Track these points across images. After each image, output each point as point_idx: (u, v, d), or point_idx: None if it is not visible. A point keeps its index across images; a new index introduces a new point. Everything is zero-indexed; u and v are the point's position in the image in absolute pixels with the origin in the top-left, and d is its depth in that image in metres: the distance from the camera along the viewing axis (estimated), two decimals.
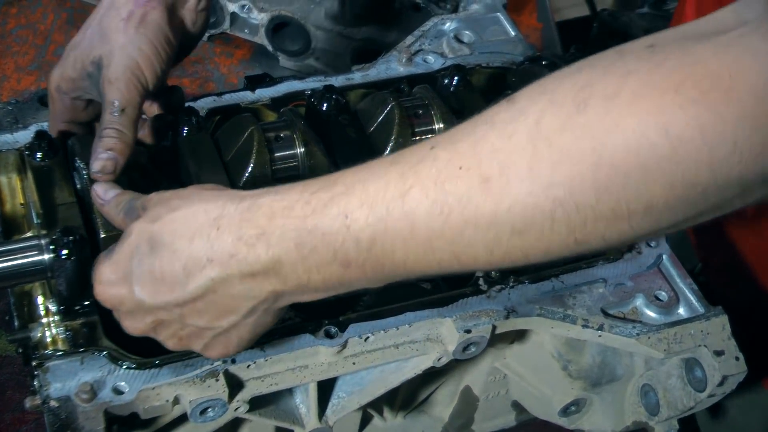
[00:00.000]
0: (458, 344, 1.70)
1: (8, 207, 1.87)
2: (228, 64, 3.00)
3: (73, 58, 1.68)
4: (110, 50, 1.64)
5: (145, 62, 1.65)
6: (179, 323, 1.42)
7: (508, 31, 2.23)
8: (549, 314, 1.75)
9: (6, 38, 2.93)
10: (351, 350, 1.68)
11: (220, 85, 2.93)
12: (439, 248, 1.22)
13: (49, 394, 1.53)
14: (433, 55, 2.13)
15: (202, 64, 2.97)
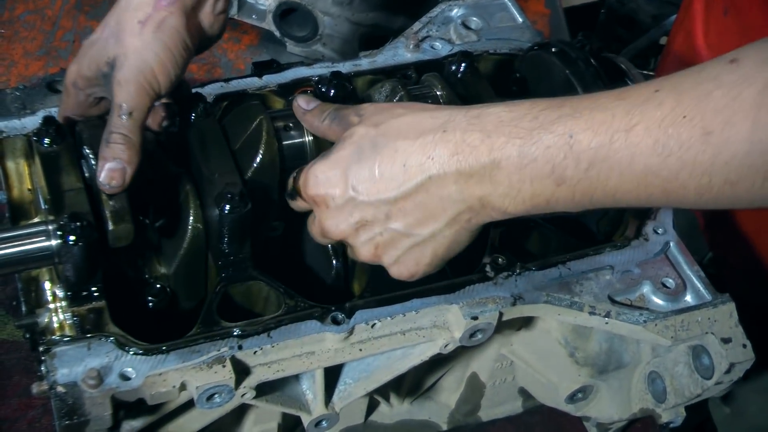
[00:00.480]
0: (465, 331, 1.70)
1: (16, 193, 1.87)
2: (235, 50, 2.99)
3: (89, 56, 1.68)
4: (124, 52, 1.62)
5: (159, 67, 1.64)
6: (382, 226, 1.52)
7: (516, 17, 2.22)
8: (556, 301, 1.75)
9: (14, 23, 2.93)
10: (358, 337, 1.68)
11: (227, 70, 2.91)
12: (652, 184, 1.32)
13: (56, 379, 1.54)
14: (441, 41, 2.12)
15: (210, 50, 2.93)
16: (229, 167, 1.71)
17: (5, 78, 2.76)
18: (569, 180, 1.37)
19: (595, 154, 1.34)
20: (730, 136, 1.24)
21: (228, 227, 1.66)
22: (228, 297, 1.70)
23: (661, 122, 1.29)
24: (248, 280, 1.71)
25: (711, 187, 1.28)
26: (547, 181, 1.38)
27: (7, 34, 2.88)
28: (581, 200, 1.39)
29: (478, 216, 1.48)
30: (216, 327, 1.63)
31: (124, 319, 1.64)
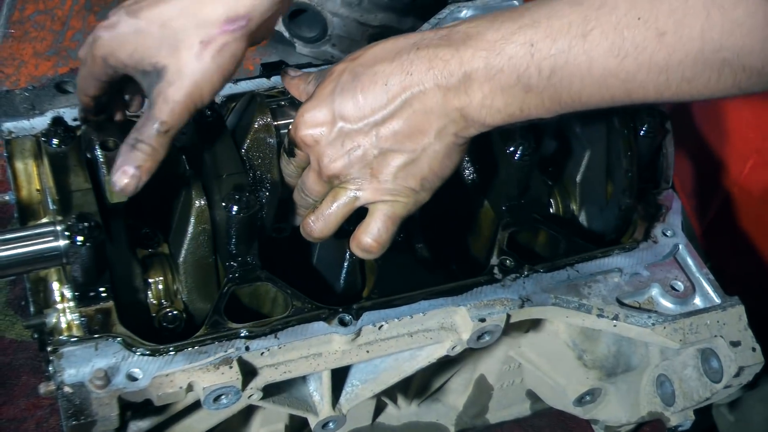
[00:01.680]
0: (472, 333, 1.69)
1: (24, 193, 1.87)
2: None
3: (134, 45, 1.58)
4: (178, 69, 1.55)
5: (209, 93, 1.59)
6: (374, 147, 1.54)
7: None
8: (564, 303, 1.74)
9: (24, 24, 2.93)
10: (365, 338, 1.67)
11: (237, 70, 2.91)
12: (613, 86, 1.38)
13: (63, 380, 1.54)
14: None
15: None
16: (237, 168, 1.71)
17: (15, 78, 2.77)
18: (535, 87, 1.42)
19: (556, 61, 1.39)
20: (683, 35, 1.31)
21: (235, 228, 1.66)
22: (235, 298, 1.70)
23: (616, 26, 1.35)
24: (255, 281, 1.70)
25: (669, 84, 1.35)
26: (516, 89, 1.44)
27: (17, 34, 2.89)
28: (551, 106, 1.45)
29: (461, 129, 1.52)
30: (223, 328, 1.63)
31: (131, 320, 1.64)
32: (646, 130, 1.86)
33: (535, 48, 1.41)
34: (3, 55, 2.82)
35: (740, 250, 2.24)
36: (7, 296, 2.33)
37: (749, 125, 2.21)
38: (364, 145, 1.54)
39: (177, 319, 1.72)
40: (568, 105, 1.44)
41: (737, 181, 2.25)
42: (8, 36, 2.87)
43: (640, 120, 1.86)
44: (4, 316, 2.28)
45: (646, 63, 1.34)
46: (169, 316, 1.72)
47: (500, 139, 1.82)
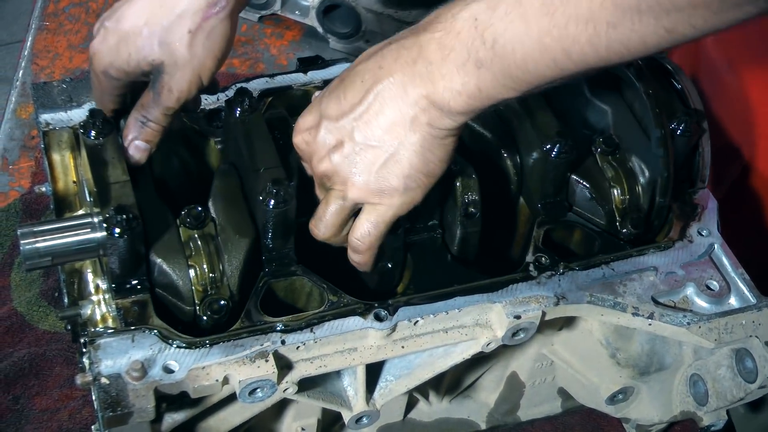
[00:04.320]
0: (507, 330, 1.69)
1: (61, 185, 1.88)
2: (278, 46, 2.99)
3: (128, 53, 1.68)
4: (174, 61, 1.67)
5: (206, 74, 1.70)
6: (353, 143, 1.55)
7: None
8: (599, 301, 1.74)
9: (59, 16, 2.95)
10: (400, 334, 1.68)
11: (269, 66, 2.92)
12: (551, 46, 1.37)
13: (100, 371, 1.54)
14: None
15: (252, 45, 2.97)
16: (274, 162, 1.71)
17: (49, 70, 2.79)
18: (485, 61, 1.43)
19: (496, 30, 1.40)
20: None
21: (272, 222, 1.66)
22: (271, 292, 1.70)
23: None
24: (291, 275, 1.71)
25: (598, 34, 1.33)
26: (468, 66, 1.44)
27: (51, 26, 2.91)
28: (505, 81, 1.44)
29: (434, 118, 1.51)
30: (259, 322, 1.63)
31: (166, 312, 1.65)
32: (682, 130, 1.85)
33: (478, 21, 1.42)
34: (38, 47, 2.84)
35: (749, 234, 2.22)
36: (40, 287, 2.34)
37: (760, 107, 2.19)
38: (346, 143, 1.56)
39: (222, 309, 1.66)
40: (520, 78, 1.43)
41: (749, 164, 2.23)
42: (43, 28, 2.89)
43: (677, 119, 1.85)
44: (38, 308, 2.29)
45: (573, 14, 1.33)
46: (215, 306, 1.66)
47: (537, 137, 1.81)
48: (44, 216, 2.43)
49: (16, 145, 2.58)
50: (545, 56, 1.39)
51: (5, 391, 2.16)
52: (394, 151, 1.54)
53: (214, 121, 1.93)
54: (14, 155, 2.57)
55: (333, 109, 1.57)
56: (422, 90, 1.49)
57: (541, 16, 1.35)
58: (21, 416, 2.14)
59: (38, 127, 1.87)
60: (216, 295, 1.67)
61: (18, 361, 2.19)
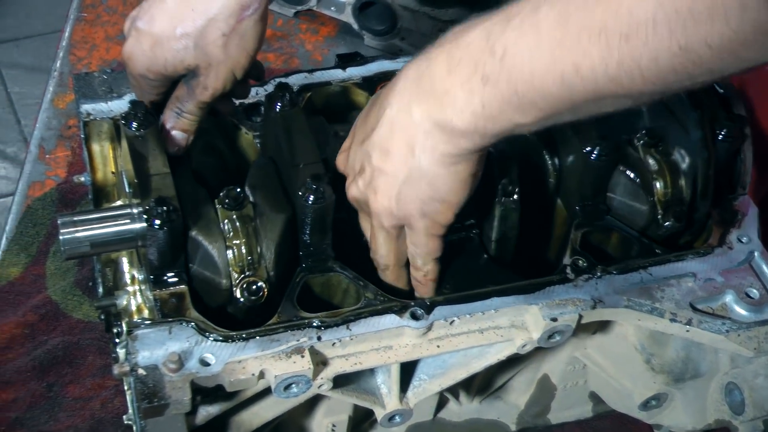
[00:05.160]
0: (543, 332, 1.68)
1: (99, 175, 1.89)
2: (313, 41, 2.99)
3: (165, 57, 1.68)
4: (209, 63, 1.68)
5: (239, 71, 1.71)
6: (372, 168, 1.54)
7: None
8: (636, 306, 1.73)
9: (96, 7, 2.96)
10: (436, 333, 1.67)
11: (304, 61, 2.92)
12: (560, 59, 1.30)
13: (138, 362, 1.55)
14: None
15: (287, 40, 2.98)
16: (313, 158, 1.71)
17: (87, 61, 2.80)
18: (491, 75, 1.36)
19: (507, 40, 1.34)
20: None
21: (311, 218, 1.66)
22: (307, 287, 1.70)
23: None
24: (329, 271, 1.71)
25: (610, 47, 1.25)
26: (474, 80, 1.38)
27: (89, 17, 2.92)
28: (511, 99, 1.37)
29: (440, 142, 1.46)
30: (296, 317, 1.63)
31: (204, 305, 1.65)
32: (724, 135, 1.84)
33: (490, 32, 1.36)
34: (75, 39, 2.85)
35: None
36: (74, 276, 2.35)
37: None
38: (366, 168, 1.56)
39: (260, 291, 1.66)
40: (526, 97, 1.36)
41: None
42: (81, 19, 2.90)
43: (718, 124, 1.84)
44: (72, 296, 2.30)
45: (586, 25, 1.26)
46: (252, 288, 1.66)
47: (577, 138, 1.80)
48: (80, 206, 2.44)
49: (53, 135, 2.59)
50: (553, 70, 1.31)
51: (39, 378, 2.18)
52: (405, 177, 1.51)
53: (252, 116, 1.93)
54: (51, 144, 2.58)
55: (360, 132, 1.58)
56: (425, 109, 1.45)
57: (555, 26, 1.29)
58: (55, 403, 2.15)
59: (79, 117, 1.88)
60: (253, 277, 1.66)
61: (52, 349, 2.21)
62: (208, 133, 1.90)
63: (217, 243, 1.65)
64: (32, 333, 2.24)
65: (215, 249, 1.65)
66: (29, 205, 2.46)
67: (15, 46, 4.39)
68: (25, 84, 4.20)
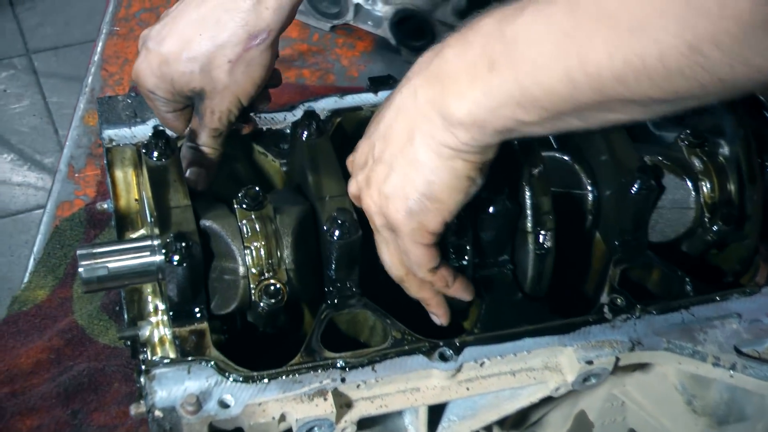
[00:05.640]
0: (578, 375, 1.61)
1: (123, 202, 1.85)
2: (349, 57, 2.93)
3: (170, 78, 1.69)
4: (214, 87, 1.68)
5: (245, 97, 1.71)
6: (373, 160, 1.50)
7: None
8: (677, 349, 1.65)
9: (129, 21, 2.92)
10: (465, 375, 1.61)
11: (340, 77, 2.86)
12: (566, 50, 1.24)
13: (155, 403, 1.50)
14: None
15: (323, 55, 2.92)
16: (340, 190, 1.65)
17: (119, 76, 2.76)
18: (498, 62, 1.30)
19: (518, 26, 1.29)
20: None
21: (336, 253, 1.60)
22: (332, 324, 1.65)
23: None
24: (354, 308, 1.65)
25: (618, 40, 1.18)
26: (480, 66, 1.32)
27: (122, 31, 2.88)
28: (513, 92, 1.31)
29: (436, 129, 1.40)
30: (319, 357, 1.57)
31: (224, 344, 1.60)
32: None
33: (504, 16, 1.31)
34: (108, 53, 2.81)
35: None
36: (101, 300, 2.31)
37: None
38: (368, 159, 1.52)
39: (279, 293, 1.60)
40: (530, 92, 1.29)
41: None
42: (113, 33, 2.86)
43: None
44: (99, 321, 2.26)
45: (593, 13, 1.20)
46: (271, 290, 1.60)
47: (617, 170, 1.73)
48: (107, 228, 2.40)
49: (83, 153, 2.56)
50: (559, 64, 1.25)
51: (64, 405, 2.14)
52: (398, 166, 1.46)
53: (280, 143, 1.87)
54: (80, 163, 2.54)
55: (370, 125, 1.54)
56: (430, 94, 1.40)
57: (565, 15, 1.23)
58: (79, 431, 2.11)
59: (102, 143, 1.83)
60: (272, 279, 1.60)
61: (77, 375, 2.17)
62: (233, 159, 1.85)
63: (233, 233, 1.61)
64: (58, 358, 2.20)
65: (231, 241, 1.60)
66: (57, 226, 2.42)
67: (54, 55, 4.39)
68: (63, 94, 4.20)
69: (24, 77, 4.42)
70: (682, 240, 1.82)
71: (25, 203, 3.98)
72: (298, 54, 2.89)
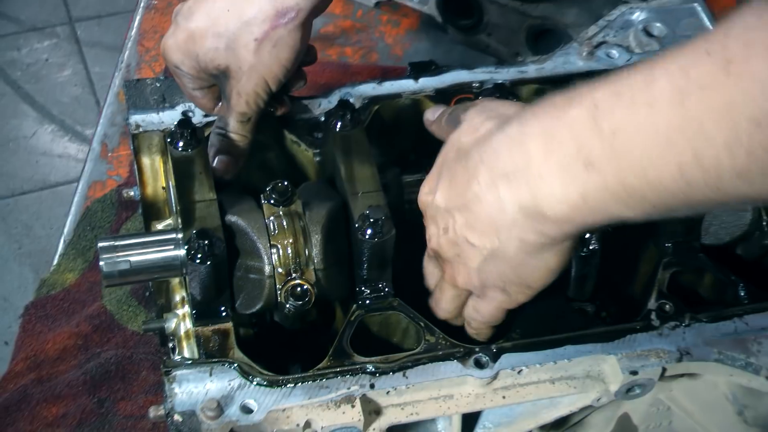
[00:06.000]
0: (622, 385, 1.53)
1: (150, 190, 1.78)
2: (394, 34, 2.83)
3: (195, 54, 1.65)
4: (239, 67, 1.62)
5: (273, 80, 1.64)
6: (456, 234, 1.41)
7: (705, 24, 1.99)
8: (728, 360, 1.55)
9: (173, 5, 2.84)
10: (501, 382, 1.52)
11: (383, 56, 2.76)
12: (678, 145, 1.12)
13: (174, 406, 1.44)
14: (618, 48, 1.92)
15: (366, 33, 2.82)
16: (373, 186, 1.57)
17: (155, 52, 2.68)
18: (597, 160, 1.19)
19: (617, 119, 1.18)
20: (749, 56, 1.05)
21: (368, 253, 1.52)
22: (364, 326, 1.57)
23: (683, 65, 1.12)
24: (387, 310, 1.57)
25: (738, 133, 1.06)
26: (576, 166, 1.21)
27: (160, 5, 2.79)
28: (616, 191, 1.20)
29: (525, 230, 1.31)
30: (348, 361, 1.50)
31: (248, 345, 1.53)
32: None
33: (598, 108, 1.20)
34: (144, 28, 2.73)
35: None
36: (131, 286, 2.24)
37: None
38: (450, 231, 1.42)
39: (306, 295, 1.53)
40: (636, 190, 1.18)
41: None
42: (151, 7, 2.78)
43: None
44: (128, 307, 2.19)
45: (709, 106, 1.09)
46: (297, 292, 1.53)
47: None
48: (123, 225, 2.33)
49: (117, 131, 2.48)
50: (670, 159, 1.13)
51: (91, 393, 2.07)
52: (488, 254, 1.38)
53: (315, 131, 1.78)
54: (114, 142, 2.47)
55: (444, 189, 1.42)
56: (515, 194, 1.30)
57: (673, 106, 1.11)
58: (105, 421, 2.05)
59: (129, 129, 1.76)
60: (300, 280, 1.53)
61: (104, 362, 2.10)
62: (264, 148, 1.77)
63: (259, 230, 1.54)
64: (85, 344, 2.14)
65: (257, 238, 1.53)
66: (88, 207, 2.35)
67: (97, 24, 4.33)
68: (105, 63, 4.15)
69: (66, 46, 4.36)
70: (737, 243, 1.72)
71: (65, 175, 3.95)
72: (341, 31, 2.80)
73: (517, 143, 1.29)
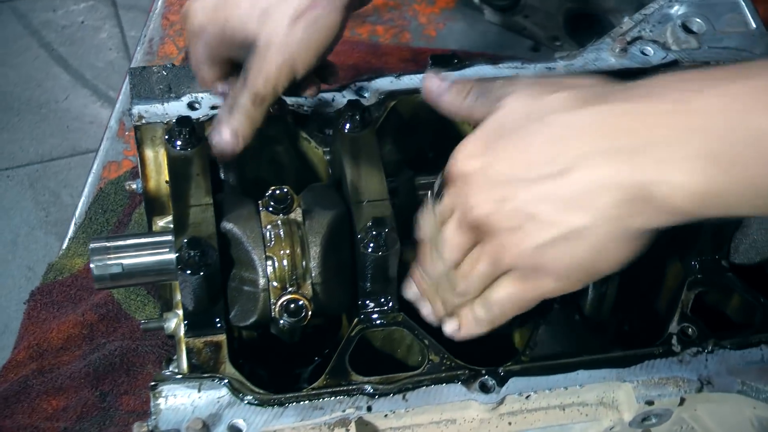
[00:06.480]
0: (636, 415, 1.44)
1: (152, 184, 1.69)
2: (428, 13, 2.72)
3: (223, 18, 1.53)
4: (269, 41, 1.49)
5: (303, 63, 1.51)
6: (528, 206, 1.23)
7: (749, 21, 1.85)
8: (753, 392, 1.46)
9: None
10: (508, 407, 1.44)
11: (416, 36, 2.66)
12: None
13: (158, 424, 1.37)
14: (653, 45, 1.80)
15: (399, 11, 2.71)
16: (379, 194, 1.48)
17: (178, 27, 2.61)
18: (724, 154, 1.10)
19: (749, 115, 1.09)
20: None
21: (371, 266, 1.44)
22: (365, 341, 1.49)
23: None
24: (391, 325, 1.48)
25: None
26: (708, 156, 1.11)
27: None
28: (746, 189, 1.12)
29: (634, 212, 1.17)
30: (345, 380, 1.42)
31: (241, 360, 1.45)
32: None
33: (729, 98, 1.11)
34: (170, 1, 2.65)
35: None
36: None
37: None
38: (518, 200, 1.24)
39: (301, 311, 1.43)
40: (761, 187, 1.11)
41: None
42: None
43: None
44: (136, 296, 2.12)
45: None
46: (292, 308, 1.43)
47: None
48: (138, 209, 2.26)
49: None
50: None
51: (93, 386, 2.01)
52: (567, 232, 1.21)
53: (324, 127, 1.69)
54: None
55: (513, 157, 1.25)
56: (624, 173, 1.16)
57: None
58: (106, 416, 1.99)
59: (131, 119, 1.68)
60: (295, 294, 1.44)
61: (109, 354, 2.04)
62: (274, 141, 1.69)
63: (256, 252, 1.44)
64: (90, 334, 2.08)
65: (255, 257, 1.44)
66: (101, 188, 2.29)
67: None
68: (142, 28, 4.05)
69: (102, 8, 4.29)
70: None
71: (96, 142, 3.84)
72: (373, 8, 2.69)
73: (636, 125, 1.17)
